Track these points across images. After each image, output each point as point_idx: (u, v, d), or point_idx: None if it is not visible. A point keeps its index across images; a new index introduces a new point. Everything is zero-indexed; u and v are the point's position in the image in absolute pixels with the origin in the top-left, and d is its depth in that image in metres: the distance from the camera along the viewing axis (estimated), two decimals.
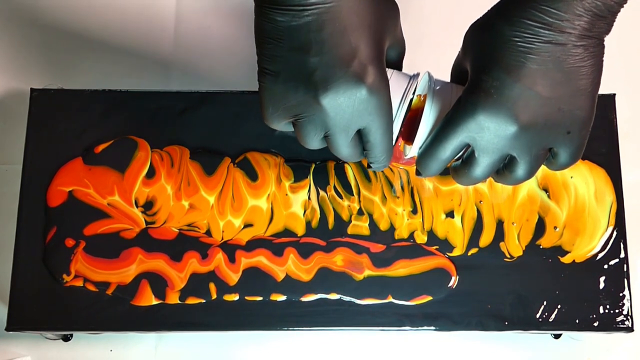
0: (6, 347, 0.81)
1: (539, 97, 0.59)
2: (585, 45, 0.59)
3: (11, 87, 0.89)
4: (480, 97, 0.60)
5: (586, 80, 0.60)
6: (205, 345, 0.81)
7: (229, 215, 0.75)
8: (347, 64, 0.58)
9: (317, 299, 0.74)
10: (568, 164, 0.64)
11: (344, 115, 0.59)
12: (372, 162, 0.65)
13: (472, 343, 0.82)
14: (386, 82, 0.60)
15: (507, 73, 0.59)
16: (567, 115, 0.61)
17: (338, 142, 0.62)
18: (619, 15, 0.90)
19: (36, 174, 0.76)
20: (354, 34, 0.58)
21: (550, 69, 0.59)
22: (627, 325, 0.74)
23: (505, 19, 0.59)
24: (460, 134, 0.61)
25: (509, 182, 0.64)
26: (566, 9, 0.57)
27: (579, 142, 0.63)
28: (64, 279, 0.73)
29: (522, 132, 0.60)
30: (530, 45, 0.58)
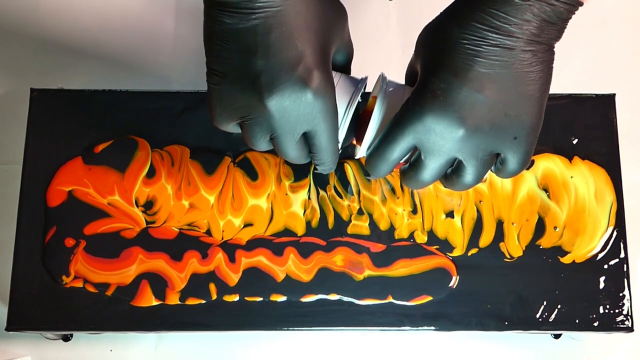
0: (6, 347, 0.81)
1: (486, 100, 0.59)
2: (533, 50, 0.59)
3: (11, 87, 0.89)
4: (427, 99, 0.60)
5: (534, 86, 0.60)
6: (205, 345, 0.81)
7: (229, 214, 0.75)
8: (292, 68, 0.58)
9: (317, 300, 0.74)
10: (515, 170, 0.64)
11: (290, 119, 0.60)
12: (318, 164, 0.65)
13: (472, 343, 0.82)
14: (332, 86, 0.61)
15: (455, 75, 0.59)
16: (514, 121, 0.60)
17: (284, 145, 0.62)
18: (619, 15, 0.91)
19: (36, 174, 0.76)
20: (301, 39, 0.59)
21: (498, 73, 0.59)
22: (627, 325, 0.74)
23: (455, 21, 0.60)
24: (406, 136, 0.61)
25: (457, 187, 0.64)
26: (515, 13, 0.57)
27: (526, 149, 0.62)
28: (64, 281, 0.73)
29: (468, 135, 0.60)
30: (478, 49, 0.58)
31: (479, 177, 0.63)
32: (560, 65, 0.91)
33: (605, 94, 0.79)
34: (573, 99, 0.79)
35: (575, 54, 0.91)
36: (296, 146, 0.62)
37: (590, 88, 0.81)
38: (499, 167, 0.64)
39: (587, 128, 0.78)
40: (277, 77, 0.58)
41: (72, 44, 0.90)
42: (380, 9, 0.92)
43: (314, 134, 0.62)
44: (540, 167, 0.77)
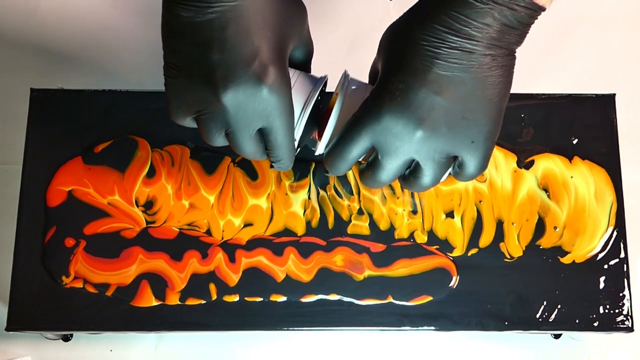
0: (6, 347, 0.81)
1: (444, 103, 0.59)
2: (493, 54, 0.59)
3: (11, 87, 0.89)
4: (385, 98, 0.60)
5: (493, 90, 0.60)
6: (205, 345, 0.81)
7: (229, 214, 0.75)
8: (248, 63, 0.58)
9: (317, 300, 0.74)
10: (473, 174, 0.64)
11: (244, 114, 0.60)
12: (274, 161, 0.65)
13: (472, 343, 0.82)
14: (287, 83, 0.61)
15: (413, 76, 0.59)
16: (471, 124, 0.60)
17: (239, 140, 0.62)
18: (619, 15, 0.91)
19: (36, 174, 0.76)
20: (257, 34, 0.59)
21: (457, 76, 0.59)
22: (627, 325, 0.74)
23: (417, 22, 0.59)
24: (364, 135, 0.61)
25: (414, 188, 0.64)
26: (475, 16, 0.57)
27: (484, 153, 0.62)
28: (64, 281, 0.73)
29: (425, 137, 0.60)
30: (437, 51, 0.58)
31: (435, 179, 0.63)
32: (560, 65, 0.92)
33: (605, 94, 0.79)
34: (573, 99, 0.79)
35: (575, 54, 0.91)
36: (251, 142, 0.62)
37: (590, 88, 0.81)
38: (457, 170, 0.64)
39: (587, 128, 0.78)
40: (232, 72, 0.58)
41: (72, 44, 0.90)
42: (380, 8, 0.92)
43: (269, 131, 0.62)
44: (540, 167, 0.77)
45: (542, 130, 0.78)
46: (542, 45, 0.92)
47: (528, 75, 0.90)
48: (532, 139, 0.78)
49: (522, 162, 0.77)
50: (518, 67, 0.90)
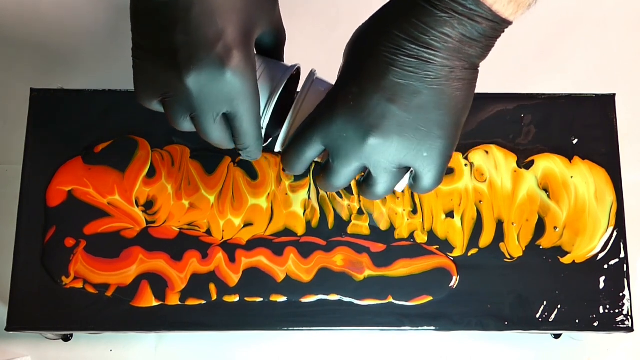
0: (6, 347, 0.81)
1: (397, 112, 0.58)
2: (452, 66, 0.57)
3: (11, 87, 0.89)
4: (338, 102, 0.59)
5: (450, 103, 0.59)
6: (205, 345, 0.81)
7: (229, 214, 0.75)
8: (211, 45, 0.58)
9: (317, 300, 0.74)
10: (426, 188, 0.63)
11: (208, 98, 0.59)
12: (241, 149, 0.64)
13: (472, 343, 0.82)
14: (252, 67, 0.60)
15: (368, 82, 0.58)
16: (425, 136, 0.59)
17: (203, 125, 0.61)
18: (619, 15, 0.91)
19: (36, 174, 0.76)
20: (222, 17, 0.58)
21: (412, 85, 0.58)
22: (627, 325, 0.74)
23: (378, 27, 0.59)
24: (316, 137, 0.61)
25: (367, 195, 0.63)
26: (434, 24, 0.56)
27: (437, 167, 0.61)
28: (63, 281, 0.73)
29: (375, 144, 0.59)
30: (394, 57, 0.57)
31: (387, 189, 0.62)
32: (560, 65, 0.92)
33: (605, 94, 0.79)
34: (573, 99, 0.79)
35: (575, 54, 0.91)
36: (217, 127, 0.61)
37: (590, 88, 0.81)
38: (412, 183, 0.63)
39: (587, 128, 0.78)
40: (195, 54, 0.58)
41: (72, 44, 0.90)
42: None
43: (233, 116, 0.61)
44: (540, 167, 0.77)
45: (542, 130, 0.78)
46: (542, 45, 0.92)
47: (528, 75, 0.90)
48: (532, 139, 0.78)
49: (522, 162, 0.77)
50: (518, 67, 0.91)
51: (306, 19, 0.92)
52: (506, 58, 0.91)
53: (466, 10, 0.56)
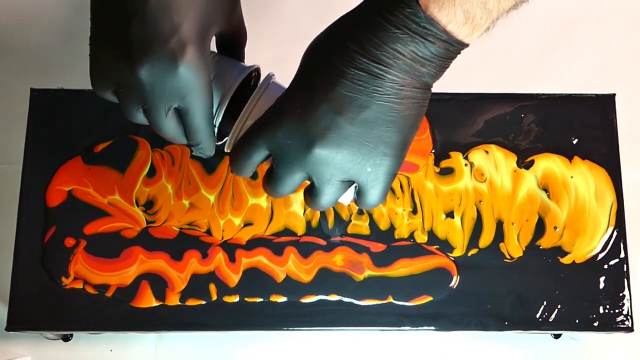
0: (6, 347, 0.81)
1: (343, 124, 0.58)
2: (402, 84, 0.57)
3: (11, 87, 0.89)
4: (286, 109, 0.59)
5: (398, 121, 0.58)
6: (205, 345, 0.81)
7: (229, 214, 0.75)
8: (165, 39, 0.58)
9: (317, 300, 0.74)
10: (368, 204, 0.62)
11: (160, 91, 0.59)
12: (193, 145, 0.64)
13: (472, 343, 0.82)
14: (205, 64, 0.60)
15: (317, 91, 0.58)
16: (369, 152, 0.59)
17: (155, 118, 0.61)
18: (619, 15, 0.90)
19: (36, 174, 0.76)
20: (179, 12, 0.58)
21: (361, 99, 0.57)
22: (627, 325, 0.74)
23: (333, 37, 0.58)
24: (261, 142, 0.60)
25: (310, 205, 0.63)
26: (386, 40, 0.56)
27: (381, 184, 0.61)
28: (63, 282, 0.73)
29: (319, 154, 0.58)
30: (345, 69, 0.57)
31: (330, 200, 0.62)
32: (560, 65, 0.92)
33: (605, 94, 0.79)
34: (573, 99, 0.79)
35: (575, 54, 0.92)
36: (168, 121, 0.61)
37: (590, 88, 0.81)
38: (355, 197, 0.63)
39: (587, 128, 0.78)
40: (149, 46, 0.58)
41: (72, 44, 0.90)
42: None
43: (185, 111, 0.61)
44: (540, 167, 0.77)
45: (542, 130, 0.78)
46: (542, 45, 0.92)
47: (528, 75, 0.90)
48: (532, 139, 0.78)
49: (522, 162, 0.77)
50: (518, 67, 0.91)
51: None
52: (506, 58, 0.91)
53: (419, 29, 0.55)
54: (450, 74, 0.92)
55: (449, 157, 0.77)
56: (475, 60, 0.91)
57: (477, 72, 0.90)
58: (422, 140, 0.78)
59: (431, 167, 0.77)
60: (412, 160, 0.77)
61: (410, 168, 0.77)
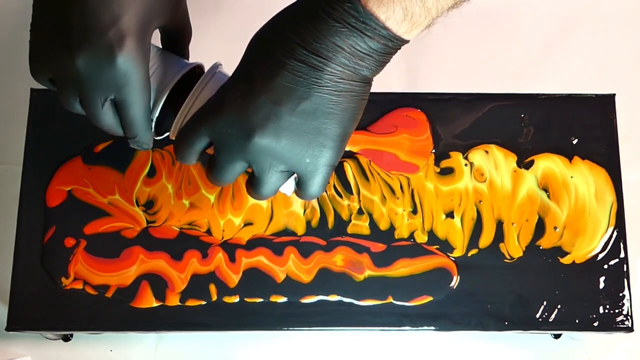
0: (6, 347, 0.81)
1: (282, 114, 0.58)
2: (341, 77, 0.58)
3: (11, 87, 0.89)
4: (227, 98, 0.60)
5: (337, 114, 0.59)
6: (205, 345, 0.81)
7: (229, 214, 0.75)
8: (104, 30, 0.58)
9: (317, 301, 0.74)
10: (307, 195, 0.63)
11: (96, 82, 0.59)
12: (129, 137, 0.65)
13: (472, 343, 0.82)
14: (144, 57, 0.60)
15: (257, 81, 0.58)
16: (308, 143, 0.59)
17: (91, 108, 0.61)
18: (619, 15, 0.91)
19: (36, 174, 0.76)
20: (120, 3, 0.59)
21: (300, 90, 0.58)
22: (627, 325, 0.74)
23: (276, 28, 0.59)
24: (203, 130, 0.61)
25: (251, 194, 0.63)
26: (326, 33, 0.56)
27: (320, 175, 0.61)
28: (63, 283, 0.73)
29: (257, 144, 0.59)
30: (285, 60, 0.57)
31: (270, 190, 0.62)
32: (560, 65, 0.92)
33: (605, 94, 0.79)
34: (573, 99, 0.79)
35: (575, 54, 0.92)
36: (104, 113, 0.62)
37: (590, 88, 0.81)
38: (296, 189, 0.63)
39: (587, 128, 0.78)
40: (87, 36, 0.58)
41: None
42: None
43: (121, 104, 0.61)
44: (540, 166, 0.77)
45: (542, 130, 0.78)
46: (542, 45, 0.92)
47: (528, 75, 0.90)
48: (532, 139, 0.78)
49: (522, 162, 0.77)
50: (518, 67, 0.91)
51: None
52: (506, 58, 0.91)
53: (358, 23, 0.56)
54: (451, 74, 0.93)
55: (449, 157, 0.77)
56: (475, 60, 0.92)
57: (477, 72, 0.90)
58: (423, 140, 0.78)
59: (431, 167, 0.77)
60: (412, 160, 0.77)
61: (411, 168, 0.77)
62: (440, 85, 0.89)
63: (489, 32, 0.91)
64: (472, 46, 0.91)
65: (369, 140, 0.77)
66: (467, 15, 0.66)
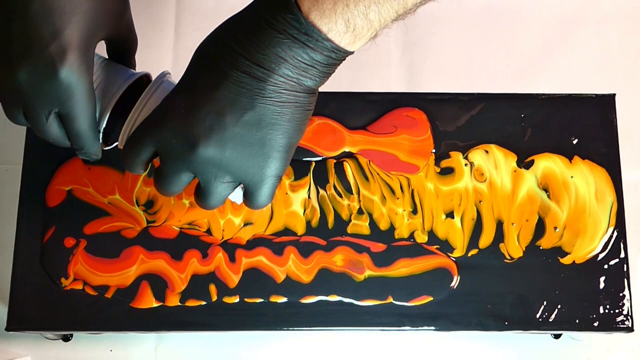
0: (6, 347, 0.81)
1: (226, 125, 0.58)
2: (285, 88, 0.58)
3: None
4: (170, 109, 0.59)
5: (281, 124, 0.59)
6: (205, 345, 0.81)
7: (229, 213, 0.75)
8: (46, 44, 0.58)
9: (317, 301, 0.74)
10: (254, 205, 0.63)
11: (39, 96, 0.59)
12: (76, 149, 0.64)
13: (472, 343, 0.82)
14: (87, 70, 0.60)
15: (201, 92, 0.58)
16: (252, 154, 0.59)
17: (35, 122, 0.61)
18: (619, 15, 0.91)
19: (36, 174, 0.76)
20: (60, 17, 0.58)
21: (243, 101, 0.58)
22: (627, 325, 0.74)
23: (220, 38, 0.59)
24: (148, 140, 0.60)
25: (199, 204, 0.63)
26: (269, 44, 0.56)
27: (265, 186, 0.61)
28: (63, 283, 0.73)
29: (202, 154, 0.59)
30: (228, 71, 0.57)
31: (217, 201, 0.62)
32: (560, 65, 0.92)
33: (605, 94, 0.79)
34: (573, 99, 0.79)
35: (575, 54, 0.92)
36: (49, 126, 0.61)
37: (590, 88, 0.81)
38: (244, 198, 0.63)
39: (587, 128, 0.78)
40: (28, 50, 0.58)
41: None
42: None
43: (65, 117, 0.61)
44: (540, 166, 0.77)
45: (542, 130, 0.78)
46: (542, 45, 0.92)
47: (528, 75, 0.90)
48: (532, 139, 0.78)
49: (522, 161, 0.77)
50: (518, 67, 0.91)
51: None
52: (506, 58, 0.91)
53: (301, 35, 0.56)
54: (451, 74, 0.93)
55: (449, 157, 0.77)
56: (476, 60, 0.92)
57: (477, 72, 0.90)
58: (423, 141, 0.78)
59: (432, 167, 0.77)
60: (412, 161, 0.77)
61: (411, 169, 0.77)
62: (440, 85, 0.89)
63: (489, 32, 0.91)
64: (472, 46, 0.91)
65: (369, 141, 0.77)
66: (467, 15, 0.66)
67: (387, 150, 0.77)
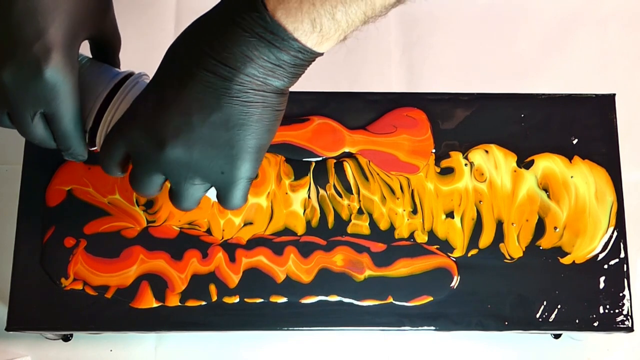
0: (6, 347, 0.81)
1: (194, 126, 0.57)
2: (252, 88, 0.57)
3: None
4: (139, 110, 0.59)
5: (249, 124, 0.58)
6: (206, 345, 0.81)
7: (229, 213, 0.75)
8: (30, 44, 0.58)
9: (317, 301, 0.74)
10: (227, 206, 0.62)
11: (23, 96, 0.59)
12: (62, 150, 0.64)
13: (472, 343, 0.82)
14: (71, 70, 0.60)
15: (168, 91, 0.58)
16: (221, 154, 0.58)
17: (19, 123, 0.61)
18: (619, 15, 0.91)
19: (36, 173, 0.76)
20: (44, 16, 0.58)
21: (210, 101, 0.57)
22: (627, 325, 0.74)
23: (189, 37, 0.58)
24: (119, 142, 0.60)
25: (174, 206, 0.63)
26: (234, 42, 0.55)
27: (236, 186, 0.60)
28: (62, 283, 0.73)
29: (171, 155, 0.58)
30: (194, 71, 0.56)
31: (190, 202, 0.62)
32: (561, 65, 0.92)
33: (605, 94, 0.79)
34: (573, 99, 0.79)
35: (575, 54, 0.92)
36: (35, 127, 0.61)
37: (590, 88, 0.81)
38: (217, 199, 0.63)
39: (587, 128, 0.78)
40: (12, 50, 0.58)
41: None
42: None
43: (51, 117, 0.61)
44: (540, 166, 0.77)
45: (542, 130, 0.78)
46: (542, 45, 0.92)
47: (528, 75, 0.90)
48: (532, 139, 0.78)
49: (522, 161, 0.77)
50: (518, 67, 0.91)
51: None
52: (506, 58, 0.91)
53: (267, 33, 0.55)
54: (451, 74, 0.93)
55: (449, 157, 0.77)
56: (475, 60, 0.92)
57: (477, 72, 0.90)
58: (423, 141, 0.78)
59: (432, 167, 0.77)
60: (412, 161, 0.77)
61: (411, 169, 0.77)
62: (440, 85, 0.89)
63: (489, 32, 0.91)
64: (472, 46, 0.91)
65: (369, 141, 0.77)
66: (467, 15, 0.66)
67: (387, 150, 0.77)
